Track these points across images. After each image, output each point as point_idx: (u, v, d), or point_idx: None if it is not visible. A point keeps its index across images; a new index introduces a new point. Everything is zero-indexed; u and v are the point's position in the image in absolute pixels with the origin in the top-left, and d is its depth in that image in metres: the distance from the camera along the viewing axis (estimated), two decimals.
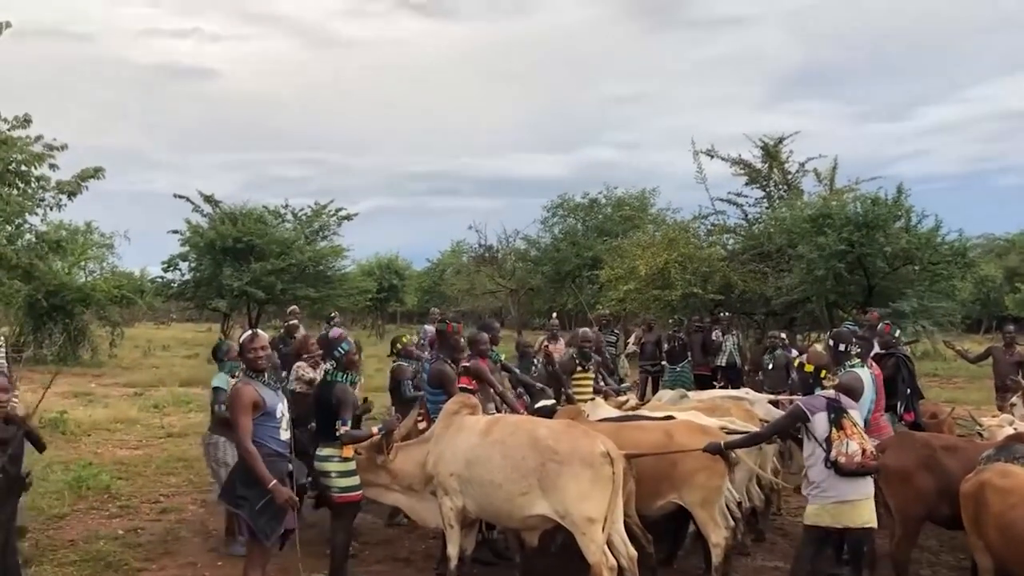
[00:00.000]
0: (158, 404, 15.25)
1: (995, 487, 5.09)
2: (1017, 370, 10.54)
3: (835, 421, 5.34)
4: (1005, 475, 5.15)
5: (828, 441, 5.27)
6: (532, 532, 5.87)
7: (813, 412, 5.37)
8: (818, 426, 5.34)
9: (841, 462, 5.20)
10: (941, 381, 20.50)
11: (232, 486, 5.14)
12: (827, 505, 5.31)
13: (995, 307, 36.21)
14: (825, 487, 5.29)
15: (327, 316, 18.35)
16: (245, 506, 4.99)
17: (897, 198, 14.67)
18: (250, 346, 5.21)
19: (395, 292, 42.81)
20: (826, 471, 5.26)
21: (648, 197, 28.31)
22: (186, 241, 24.55)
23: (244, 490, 5.00)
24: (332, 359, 6.24)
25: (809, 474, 5.38)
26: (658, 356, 14.59)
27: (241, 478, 5.07)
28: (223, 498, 5.30)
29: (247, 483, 5.01)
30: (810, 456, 5.38)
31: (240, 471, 5.13)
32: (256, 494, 4.97)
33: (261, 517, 4.98)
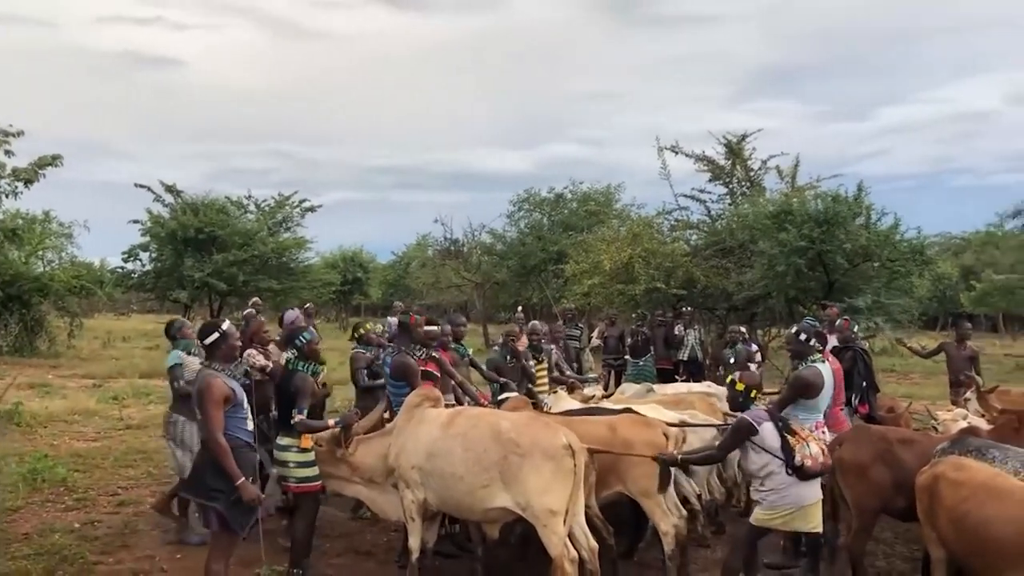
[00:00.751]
0: (117, 396, 15.03)
1: (949, 480, 5.18)
2: (970, 365, 10.78)
3: (785, 427, 5.42)
4: (959, 468, 5.24)
5: (785, 449, 5.32)
6: (493, 525, 5.88)
7: (759, 423, 5.42)
8: (767, 437, 5.38)
9: (807, 465, 5.27)
10: (898, 376, 20.87)
11: (201, 479, 5.07)
12: (781, 512, 5.36)
13: (951, 304, 36.89)
14: (784, 494, 5.33)
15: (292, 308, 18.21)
16: (220, 498, 4.96)
17: (857, 196, 14.89)
18: (234, 336, 5.26)
19: (359, 285, 42.59)
20: (788, 478, 5.31)
21: (613, 193, 28.52)
22: (147, 231, 24.23)
23: (217, 482, 4.97)
24: (293, 348, 6.21)
25: (766, 484, 5.39)
26: (621, 350, 14.69)
27: (211, 471, 5.02)
28: (191, 493, 5.19)
29: (219, 475, 4.97)
30: (763, 467, 5.38)
31: (209, 464, 5.06)
32: (229, 485, 4.95)
33: (235, 509, 4.98)
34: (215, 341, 5.18)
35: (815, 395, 5.85)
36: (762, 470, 5.38)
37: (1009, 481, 5.06)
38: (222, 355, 5.20)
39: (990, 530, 4.80)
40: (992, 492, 4.93)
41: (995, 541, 4.77)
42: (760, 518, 5.47)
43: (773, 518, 5.41)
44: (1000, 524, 4.75)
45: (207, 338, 5.20)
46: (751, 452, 5.43)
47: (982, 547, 4.88)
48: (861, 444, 6.20)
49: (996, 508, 4.82)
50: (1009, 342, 36.63)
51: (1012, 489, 4.93)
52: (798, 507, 5.35)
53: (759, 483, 5.45)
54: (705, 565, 6.74)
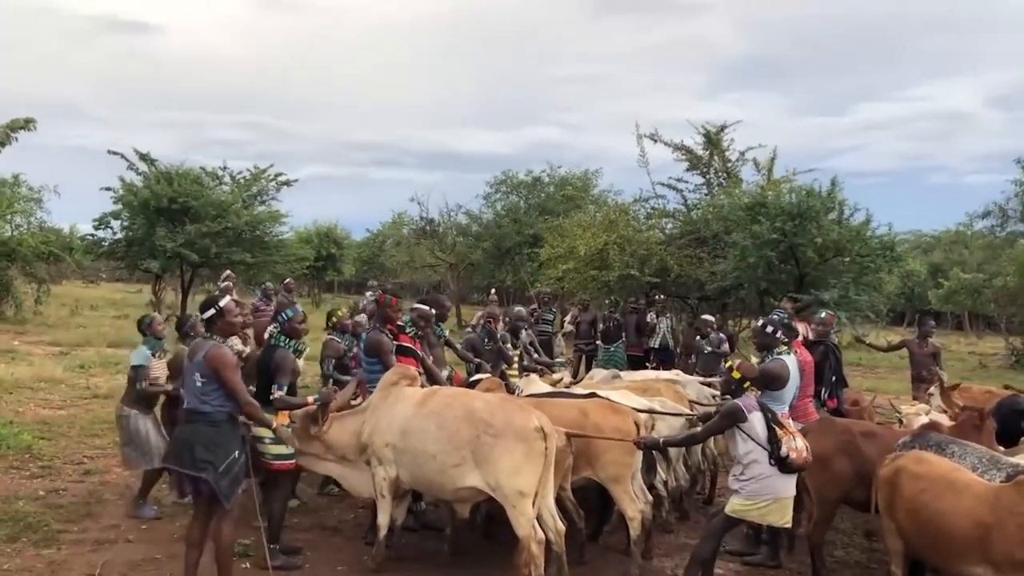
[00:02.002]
0: (84, 364, 14.90)
1: (909, 472, 5.30)
2: (932, 362, 11.00)
3: (774, 419, 5.51)
4: (919, 462, 5.37)
5: (772, 440, 5.41)
6: (464, 504, 5.93)
7: (750, 411, 5.49)
8: (756, 426, 5.46)
9: (792, 458, 5.36)
10: (864, 371, 21.19)
11: (189, 450, 5.07)
12: (759, 503, 5.45)
13: (919, 301, 37.37)
14: (764, 484, 5.42)
15: (261, 283, 18.11)
16: (209, 469, 5.00)
17: (831, 190, 15.00)
18: (233, 312, 5.32)
19: (333, 261, 42.32)
20: (770, 468, 5.40)
21: (591, 178, 28.59)
22: (119, 199, 23.83)
23: (206, 454, 5.02)
24: (276, 323, 6.22)
25: (747, 472, 5.46)
26: (593, 336, 14.76)
27: (200, 441, 5.06)
28: (175, 464, 5.17)
29: (208, 446, 5.03)
30: (748, 455, 5.46)
31: (196, 434, 5.10)
32: (219, 456, 5.03)
33: (224, 479, 5.04)
34: (212, 316, 5.24)
35: (781, 387, 5.91)
36: (746, 457, 5.46)
37: (965, 476, 5.18)
38: (219, 330, 5.26)
39: (944, 522, 4.93)
40: (949, 486, 5.06)
41: (948, 533, 4.91)
42: (737, 508, 5.53)
43: (750, 509, 5.49)
44: (954, 517, 4.89)
45: (205, 312, 5.26)
46: (738, 439, 5.50)
47: (936, 538, 5.01)
48: (825, 436, 6.31)
49: (951, 501, 4.95)
50: (973, 340, 37.25)
51: (968, 483, 5.06)
52: (776, 499, 5.44)
53: (740, 471, 5.52)
54: (668, 551, 6.84)
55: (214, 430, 5.10)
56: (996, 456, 5.54)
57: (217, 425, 5.11)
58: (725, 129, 19.14)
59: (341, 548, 6.57)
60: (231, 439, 5.14)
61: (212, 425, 5.10)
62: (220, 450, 5.06)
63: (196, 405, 5.13)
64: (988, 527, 4.72)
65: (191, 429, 5.15)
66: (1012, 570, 4.63)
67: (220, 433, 5.11)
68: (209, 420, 5.10)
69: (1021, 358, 25.68)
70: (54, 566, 5.82)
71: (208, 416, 5.10)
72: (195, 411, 5.15)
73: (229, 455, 5.08)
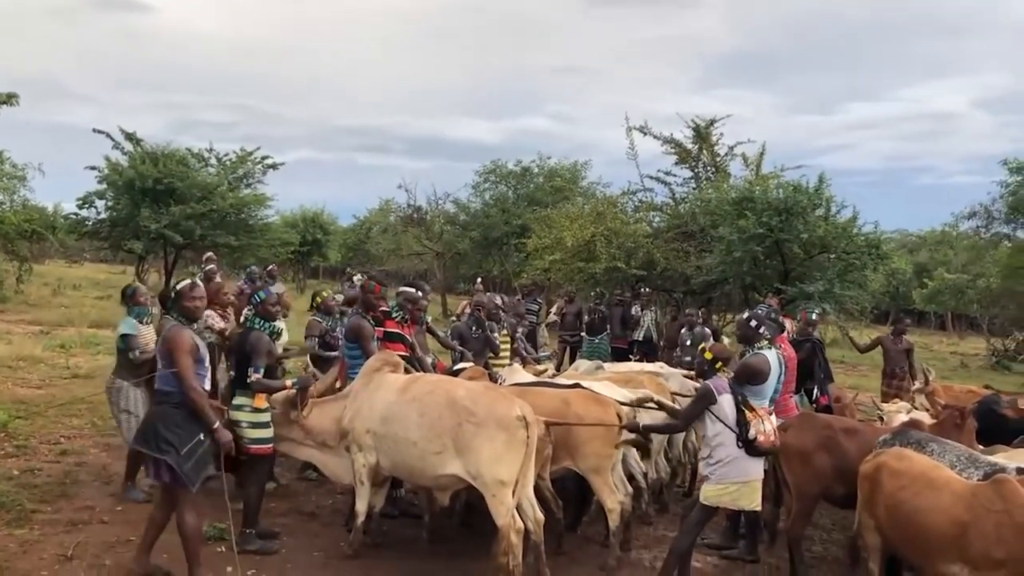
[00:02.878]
0: (65, 344, 14.75)
1: (890, 469, 5.30)
2: (906, 358, 11.14)
3: (744, 402, 5.52)
4: (900, 458, 5.37)
5: (741, 423, 5.44)
6: (443, 491, 5.90)
7: (720, 393, 5.52)
8: (725, 407, 5.49)
9: (759, 440, 5.40)
10: (846, 368, 21.28)
11: (153, 431, 5.00)
12: (730, 486, 5.47)
13: (903, 300, 37.60)
14: (732, 467, 5.45)
15: (246, 266, 18.00)
16: (171, 452, 4.92)
17: (818, 187, 15.00)
18: (190, 294, 5.22)
19: (319, 246, 42.12)
20: (737, 451, 5.43)
21: (580, 170, 28.49)
22: (104, 179, 23.60)
23: (168, 435, 4.94)
24: (250, 306, 6.17)
25: (715, 454, 5.50)
26: (578, 327, 14.76)
27: (164, 423, 4.99)
28: (142, 445, 5.10)
29: (171, 427, 4.96)
30: (716, 437, 5.49)
31: (164, 416, 5.03)
32: (182, 438, 4.94)
33: (187, 462, 4.94)
34: (172, 301, 5.27)
35: (761, 382, 5.87)
36: (715, 438, 5.49)
37: (945, 473, 5.19)
38: (181, 311, 5.20)
39: (923, 519, 4.93)
40: (928, 483, 5.06)
41: (927, 530, 4.91)
42: (710, 495, 5.54)
43: (722, 494, 5.50)
44: (932, 514, 4.89)
45: (166, 302, 5.34)
46: (707, 420, 5.54)
47: (915, 535, 5.01)
48: (805, 431, 6.31)
49: (930, 499, 4.96)
50: (956, 340, 37.50)
51: (947, 481, 5.06)
52: (744, 481, 5.47)
53: (708, 454, 5.55)
54: (647, 542, 6.84)
55: (177, 411, 5.02)
56: (975, 455, 5.55)
57: (179, 406, 5.03)
58: (714, 123, 19.12)
59: (318, 534, 6.53)
60: (196, 421, 5.04)
61: (176, 407, 5.03)
62: (183, 432, 4.97)
63: (161, 385, 5.09)
64: (965, 525, 4.72)
65: (158, 410, 5.11)
66: (989, 568, 4.63)
67: (183, 415, 5.02)
68: (173, 401, 5.04)
69: (1002, 359, 25.89)
70: (27, 546, 5.75)
71: (171, 397, 5.05)
72: (160, 391, 5.11)
73: (193, 437, 4.99)
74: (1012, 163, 21.01)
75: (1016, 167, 21.10)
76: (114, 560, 5.58)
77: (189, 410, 5.02)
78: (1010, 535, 4.53)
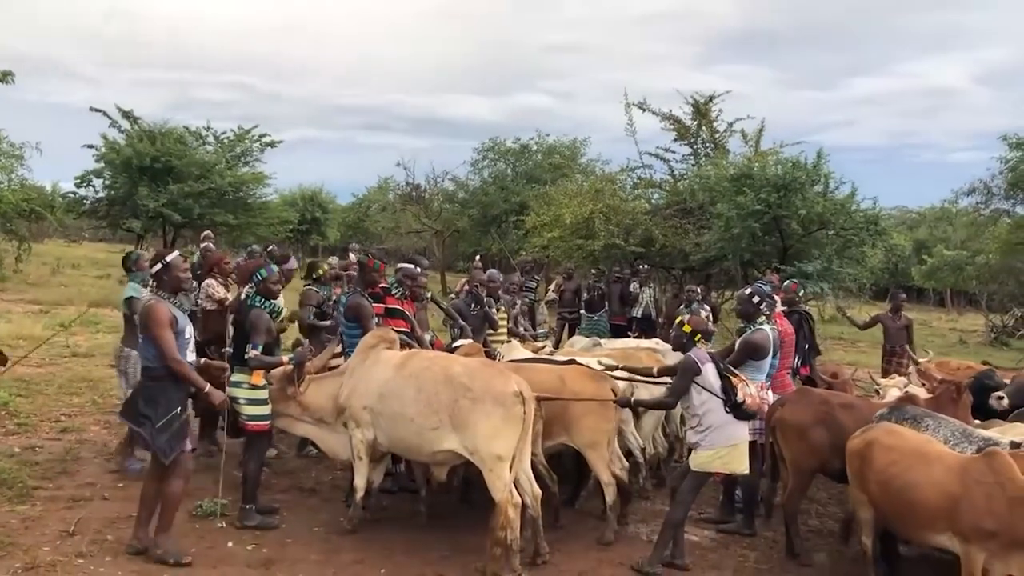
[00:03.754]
0: (64, 323, 14.75)
1: (881, 444, 5.34)
2: (905, 334, 11.15)
3: (726, 369, 5.69)
4: (891, 434, 5.42)
5: (727, 389, 5.57)
6: (441, 467, 5.94)
7: (703, 363, 5.64)
8: (709, 376, 5.61)
9: (748, 403, 5.55)
10: (845, 344, 21.31)
11: (134, 404, 5.15)
12: (720, 451, 5.58)
13: (902, 277, 37.58)
14: (720, 432, 5.58)
15: (245, 244, 18.00)
16: (146, 424, 5.04)
17: (816, 163, 14.98)
18: (181, 266, 5.32)
19: (317, 225, 42.11)
20: (724, 417, 5.57)
21: (579, 147, 28.43)
22: (101, 157, 23.58)
23: (146, 408, 5.05)
24: (251, 283, 6.18)
25: (703, 422, 5.60)
26: (577, 304, 14.76)
27: (144, 396, 5.10)
28: (124, 416, 5.31)
29: (149, 401, 5.06)
30: (703, 405, 5.60)
31: (143, 389, 5.16)
32: (158, 412, 5.03)
33: (161, 435, 5.05)
34: (158, 271, 5.25)
35: (762, 358, 6.07)
36: (702, 407, 5.60)
37: (937, 448, 5.24)
38: (166, 285, 5.25)
39: (914, 493, 4.99)
40: (920, 457, 5.11)
41: (918, 503, 4.97)
42: (701, 461, 5.63)
43: (712, 459, 5.60)
44: (923, 487, 4.95)
45: (153, 266, 5.27)
46: (692, 391, 5.64)
47: (907, 508, 5.07)
48: (802, 406, 6.35)
49: (921, 473, 5.01)
50: (955, 317, 37.54)
51: (939, 455, 5.11)
52: (733, 445, 5.60)
53: (697, 422, 5.65)
54: (644, 516, 6.89)
55: (155, 385, 5.12)
56: (969, 429, 5.60)
57: (157, 380, 5.12)
58: (713, 100, 19.07)
59: (318, 509, 6.58)
60: (173, 396, 5.13)
61: (154, 380, 5.13)
62: (159, 406, 5.07)
63: (143, 359, 5.21)
64: (956, 498, 4.78)
65: (140, 384, 5.24)
66: (978, 539, 4.69)
67: (160, 389, 5.11)
68: (150, 375, 5.14)
69: (1000, 335, 25.93)
70: (28, 522, 5.80)
71: (150, 371, 5.14)
72: (144, 366, 5.23)
73: (170, 411, 5.09)
74: (1012, 139, 20.96)
75: (1016, 143, 21.05)
76: (116, 535, 5.63)
77: (167, 384, 5.10)
78: (1000, 507, 4.58)
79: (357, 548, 5.78)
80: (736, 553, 6.25)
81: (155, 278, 5.27)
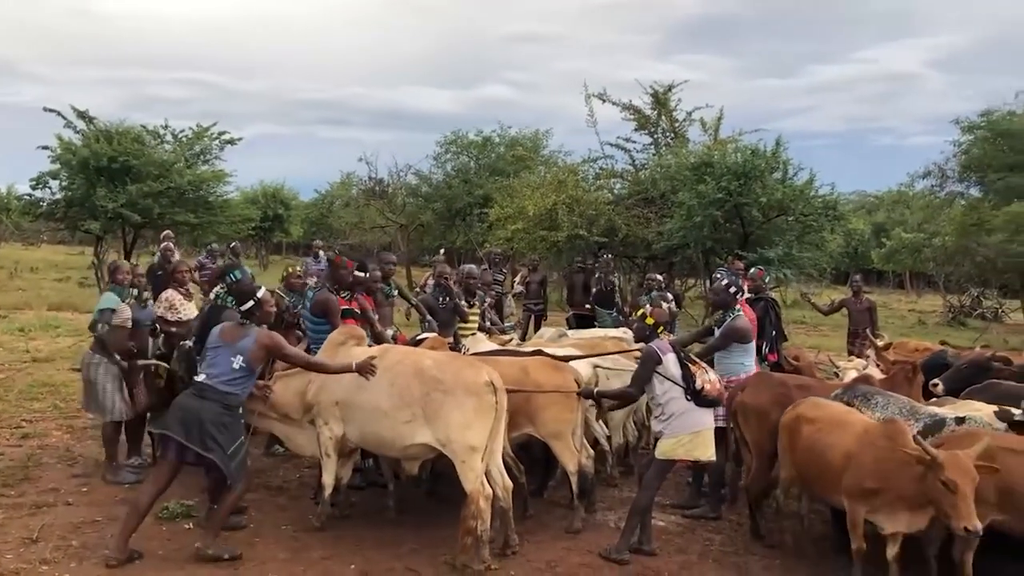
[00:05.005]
0: (23, 327, 14.55)
1: (806, 416, 5.71)
2: (868, 316, 11.43)
3: (686, 358, 5.82)
4: (816, 406, 5.80)
5: (686, 377, 5.68)
6: (412, 462, 5.96)
7: (664, 353, 5.75)
8: (670, 366, 5.72)
9: (707, 389, 5.66)
10: (808, 328, 21.62)
11: (198, 427, 5.16)
12: (683, 438, 5.68)
13: (862, 260, 38.15)
14: (683, 419, 5.68)
15: (206, 243, 17.83)
16: (216, 450, 5.17)
17: (775, 150, 15.19)
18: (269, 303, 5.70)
19: (280, 222, 41.75)
20: (687, 404, 5.67)
21: (541, 138, 28.47)
22: (57, 158, 23.07)
23: (216, 433, 5.18)
24: (223, 284, 6.16)
25: (666, 410, 5.70)
26: (542, 296, 14.80)
27: (212, 421, 5.20)
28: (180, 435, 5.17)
29: (219, 427, 5.21)
30: (665, 394, 5.71)
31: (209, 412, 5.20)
32: (228, 439, 5.23)
33: (232, 461, 5.24)
34: (251, 308, 5.51)
35: (750, 340, 6.36)
36: (664, 395, 5.71)
37: (855, 417, 5.60)
38: (258, 319, 5.53)
39: (825, 455, 5.36)
40: (836, 424, 5.49)
41: (827, 464, 5.33)
42: (666, 449, 5.73)
43: (676, 446, 5.70)
44: (833, 449, 5.31)
45: (244, 304, 5.54)
46: (655, 381, 5.75)
47: (819, 471, 5.45)
48: (761, 389, 6.50)
49: (835, 436, 5.37)
50: (914, 298, 38.22)
51: (854, 423, 5.47)
52: (696, 431, 5.70)
53: (660, 411, 5.77)
54: (612, 504, 6.95)
55: (227, 413, 5.28)
56: (916, 406, 5.81)
57: (231, 409, 5.31)
58: (672, 89, 19.21)
59: (286, 507, 6.56)
60: (241, 424, 5.43)
61: (226, 408, 5.28)
62: (230, 433, 5.27)
63: (219, 384, 5.27)
64: (851, 457, 5.14)
65: (203, 405, 5.24)
66: (861, 498, 5.06)
67: (232, 417, 5.32)
68: (225, 402, 5.27)
69: (958, 315, 26.46)
70: None
71: (226, 397, 5.27)
72: (209, 387, 5.27)
73: (237, 439, 5.33)
74: (964, 123, 21.37)
75: (968, 126, 21.47)
76: (80, 541, 5.58)
77: (237, 414, 5.34)
78: (885, 468, 4.89)
79: (326, 545, 5.77)
80: (702, 537, 6.34)
81: (247, 314, 5.51)
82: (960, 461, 4.58)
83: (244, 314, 5.52)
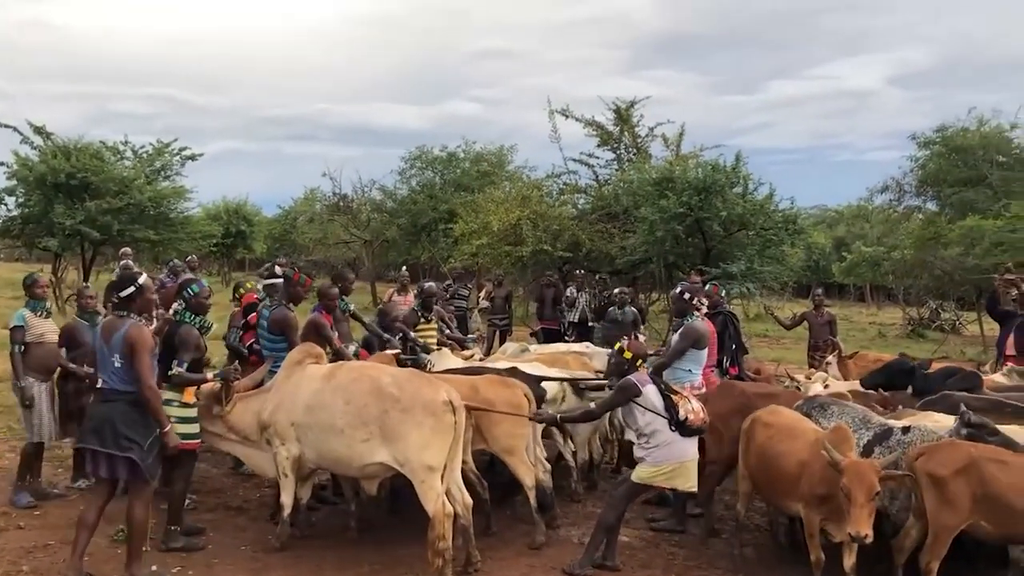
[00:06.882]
0: None
1: (762, 422, 5.82)
2: (829, 329, 11.59)
3: (667, 388, 5.75)
4: (771, 414, 5.89)
5: (670, 407, 5.59)
6: (371, 481, 5.89)
7: (643, 385, 5.66)
8: (651, 397, 5.63)
9: (690, 419, 5.57)
10: (770, 341, 21.81)
11: (111, 429, 4.98)
12: (664, 467, 5.60)
13: (823, 274, 38.60)
14: (668, 450, 5.59)
15: (167, 260, 17.59)
16: (134, 448, 4.98)
17: (735, 165, 15.37)
18: (151, 289, 5.40)
19: (243, 238, 41.30)
20: (671, 435, 5.57)
21: (506, 154, 28.54)
22: (13, 174, 22.69)
23: (129, 431, 4.99)
24: (181, 299, 6.07)
25: (652, 440, 5.60)
26: (507, 311, 14.82)
27: (123, 420, 5.01)
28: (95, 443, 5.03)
29: (131, 424, 5.01)
30: (649, 425, 5.61)
31: (119, 413, 5.02)
32: (143, 434, 5.02)
33: (148, 456, 5.05)
34: (131, 294, 5.16)
35: (705, 345, 6.38)
36: (648, 426, 5.61)
37: (807, 425, 5.69)
38: (138, 308, 5.19)
39: (779, 463, 5.44)
40: (789, 433, 5.57)
41: (781, 472, 5.41)
42: (643, 476, 5.66)
43: (656, 475, 5.64)
44: (786, 457, 5.40)
45: (123, 290, 5.17)
46: (636, 413, 5.64)
47: (774, 478, 5.54)
48: (724, 398, 6.62)
49: (787, 445, 5.46)
50: (874, 311, 38.69)
51: (805, 430, 5.55)
52: (680, 462, 5.62)
53: (644, 440, 5.65)
54: (576, 520, 6.93)
55: (134, 409, 5.05)
56: (869, 415, 5.89)
57: (136, 404, 5.06)
58: (635, 105, 19.38)
59: (245, 528, 6.47)
60: (150, 418, 5.11)
61: (131, 404, 5.05)
62: (144, 428, 5.05)
63: (113, 383, 5.06)
64: (804, 465, 5.21)
65: (110, 407, 5.06)
66: (814, 505, 5.13)
67: (140, 411, 5.07)
68: (128, 400, 5.05)
69: (917, 327, 26.85)
70: None
71: (126, 395, 5.05)
72: (111, 389, 5.07)
73: (152, 433, 5.08)
74: (921, 138, 21.78)
75: (924, 142, 21.87)
76: (32, 565, 5.46)
77: (143, 407, 5.06)
78: (832, 475, 4.89)
79: (286, 565, 5.69)
80: (665, 552, 6.33)
81: (126, 301, 5.15)
82: (860, 469, 4.74)
83: (122, 301, 5.17)
